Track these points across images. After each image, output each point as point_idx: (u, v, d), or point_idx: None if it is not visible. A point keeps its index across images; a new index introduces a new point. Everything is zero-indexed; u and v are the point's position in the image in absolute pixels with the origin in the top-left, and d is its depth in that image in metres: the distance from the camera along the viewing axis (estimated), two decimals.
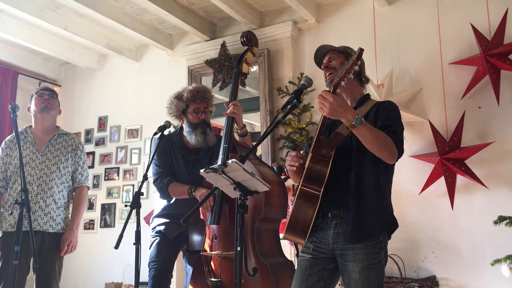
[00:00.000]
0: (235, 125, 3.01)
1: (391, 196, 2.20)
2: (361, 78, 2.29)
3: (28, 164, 3.20)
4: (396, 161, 2.06)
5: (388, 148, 1.97)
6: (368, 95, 2.29)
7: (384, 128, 2.02)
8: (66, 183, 3.28)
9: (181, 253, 3.16)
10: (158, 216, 3.10)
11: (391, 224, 2.13)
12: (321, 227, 2.12)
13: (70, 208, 3.33)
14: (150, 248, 3.01)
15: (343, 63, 2.15)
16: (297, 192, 2.06)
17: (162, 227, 3.01)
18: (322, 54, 2.31)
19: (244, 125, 3.05)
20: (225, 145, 2.88)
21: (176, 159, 3.07)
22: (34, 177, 3.17)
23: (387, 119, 2.08)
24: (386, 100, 2.27)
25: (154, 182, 3.07)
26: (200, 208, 2.88)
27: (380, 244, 2.05)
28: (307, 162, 2.05)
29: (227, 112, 2.98)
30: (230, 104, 3.01)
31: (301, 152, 2.22)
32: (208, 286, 2.77)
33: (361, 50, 1.87)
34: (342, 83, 1.90)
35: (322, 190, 2.01)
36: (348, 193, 2.05)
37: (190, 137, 3.05)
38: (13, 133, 3.28)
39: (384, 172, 2.09)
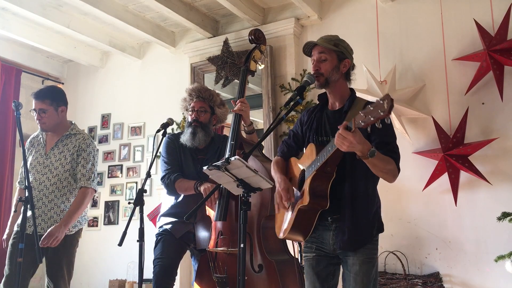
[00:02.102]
0: (242, 123, 3.01)
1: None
2: (349, 77, 2.29)
3: (35, 167, 3.17)
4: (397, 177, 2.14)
5: (392, 172, 2.08)
6: (353, 93, 2.29)
7: (383, 146, 2.07)
8: (69, 187, 3.19)
9: (188, 252, 3.16)
10: (165, 215, 3.10)
11: (381, 229, 2.23)
12: (319, 227, 2.20)
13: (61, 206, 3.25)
14: (155, 246, 3.01)
15: (334, 67, 2.20)
16: (301, 207, 2.11)
17: (168, 226, 3.01)
18: (311, 47, 2.29)
19: (251, 123, 3.06)
20: (232, 142, 2.89)
21: (185, 158, 3.08)
22: (38, 182, 3.13)
23: (383, 133, 2.06)
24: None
25: (161, 178, 3.07)
26: (205, 204, 2.89)
27: (377, 241, 2.20)
28: (310, 180, 2.08)
29: (234, 109, 2.99)
30: (238, 101, 3.01)
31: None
32: (213, 282, 2.78)
33: (391, 101, 1.72)
34: (368, 128, 1.84)
35: (328, 203, 2.09)
36: (343, 200, 2.13)
37: (183, 135, 3.09)
38: (32, 135, 3.30)
39: (376, 176, 2.15)
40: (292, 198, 2.19)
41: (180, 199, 3.05)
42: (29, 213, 2.75)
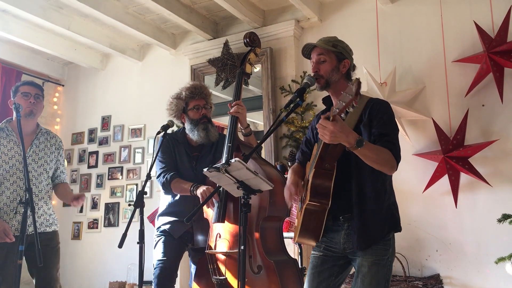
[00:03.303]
0: (239, 125, 3.02)
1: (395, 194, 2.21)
2: (349, 77, 2.27)
3: (15, 166, 3.07)
4: (396, 169, 2.08)
5: (388, 163, 2.02)
6: None
7: (381, 138, 2.04)
8: (51, 183, 3.27)
9: (186, 252, 3.16)
10: (163, 214, 3.10)
11: (394, 226, 2.17)
12: (332, 229, 2.16)
13: (49, 204, 3.22)
14: (155, 248, 3.01)
15: (334, 68, 2.18)
16: (305, 206, 2.09)
17: (167, 226, 3.01)
18: (310, 49, 2.29)
19: (248, 125, 3.06)
20: (229, 144, 2.89)
21: (180, 156, 3.09)
22: (23, 181, 3.02)
23: (382, 125, 2.07)
24: (377, 98, 2.25)
25: (157, 177, 3.07)
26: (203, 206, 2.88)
27: (389, 241, 2.12)
28: (311, 178, 2.07)
29: (230, 111, 3.00)
30: (234, 103, 3.02)
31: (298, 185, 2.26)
32: (213, 284, 2.77)
33: (358, 84, 1.82)
34: (342, 115, 1.88)
35: (330, 202, 2.06)
36: (352, 198, 2.09)
37: (193, 134, 3.07)
38: None
39: (384, 173, 2.10)
40: (298, 192, 2.17)
41: (177, 197, 3.05)
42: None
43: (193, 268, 3.11)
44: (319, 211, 2.08)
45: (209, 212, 2.94)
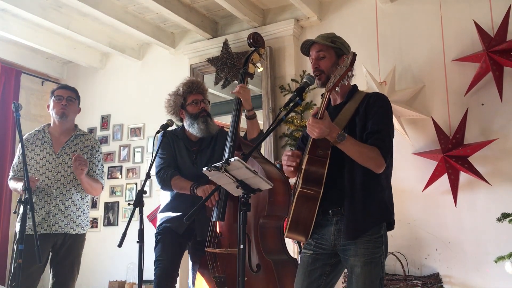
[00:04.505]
0: (243, 108, 3.05)
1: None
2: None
3: (45, 166, 3.20)
4: (383, 168, 2.06)
5: (373, 160, 2.02)
6: (355, 87, 2.28)
7: (372, 135, 2.05)
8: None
9: (186, 252, 3.15)
10: (164, 210, 3.09)
11: (385, 219, 2.13)
12: (322, 223, 2.15)
13: (87, 209, 3.35)
14: (156, 246, 3.00)
15: (333, 64, 2.18)
16: (297, 193, 2.08)
17: (169, 224, 3.00)
18: (309, 45, 2.29)
19: (252, 108, 3.06)
20: (230, 144, 2.89)
21: (180, 151, 3.09)
22: (52, 180, 3.17)
23: (376, 120, 2.07)
24: (376, 92, 2.25)
25: (157, 173, 3.06)
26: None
27: (381, 239, 2.09)
28: (304, 164, 2.07)
29: (234, 91, 3.04)
30: (237, 86, 3.06)
31: (294, 150, 2.25)
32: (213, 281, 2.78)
33: (354, 56, 1.89)
34: (337, 88, 1.95)
35: (321, 191, 2.05)
36: (343, 190, 2.09)
37: (193, 128, 3.08)
38: (30, 132, 3.32)
39: None
40: (295, 157, 2.16)
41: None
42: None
43: (190, 265, 3.11)
44: (310, 199, 2.06)
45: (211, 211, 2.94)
